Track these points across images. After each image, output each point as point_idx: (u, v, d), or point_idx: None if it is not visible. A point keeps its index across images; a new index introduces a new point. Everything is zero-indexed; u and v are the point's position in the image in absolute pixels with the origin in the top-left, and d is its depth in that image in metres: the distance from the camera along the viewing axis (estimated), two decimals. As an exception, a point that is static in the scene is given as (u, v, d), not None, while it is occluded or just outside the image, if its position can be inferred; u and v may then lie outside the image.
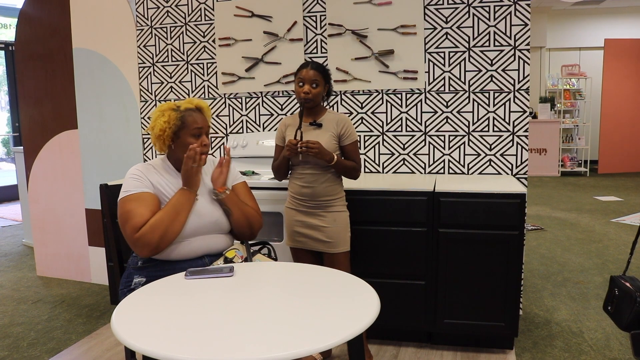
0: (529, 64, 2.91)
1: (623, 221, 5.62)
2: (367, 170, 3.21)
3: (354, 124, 3.17)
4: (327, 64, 3.17)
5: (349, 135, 2.36)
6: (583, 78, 9.83)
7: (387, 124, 3.14)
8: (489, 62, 2.95)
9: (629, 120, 9.43)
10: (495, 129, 2.99)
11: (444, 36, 3.00)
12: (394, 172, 3.17)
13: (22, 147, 4.26)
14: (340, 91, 3.19)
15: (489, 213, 2.49)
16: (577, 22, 10.51)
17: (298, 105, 3.27)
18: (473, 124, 3.02)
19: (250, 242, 2.14)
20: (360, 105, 3.17)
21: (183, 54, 3.45)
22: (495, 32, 2.93)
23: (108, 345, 2.84)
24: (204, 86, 3.44)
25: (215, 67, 3.40)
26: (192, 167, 1.89)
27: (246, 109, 3.37)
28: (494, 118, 2.98)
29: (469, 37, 2.96)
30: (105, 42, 3.63)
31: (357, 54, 3.12)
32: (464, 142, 3.04)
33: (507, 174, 3.01)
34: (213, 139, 3.47)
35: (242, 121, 3.39)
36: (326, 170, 2.35)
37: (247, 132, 3.39)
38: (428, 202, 2.56)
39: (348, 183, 2.77)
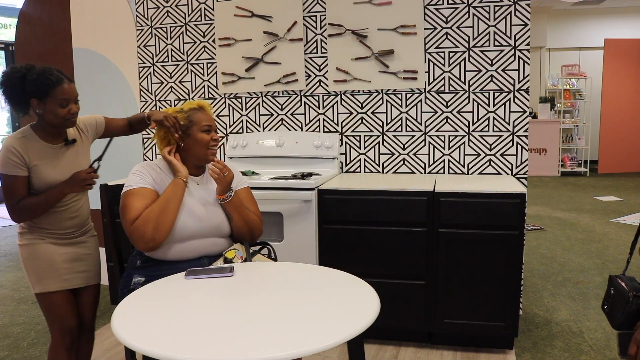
0: (529, 64, 2.91)
1: (623, 221, 5.62)
2: (367, 170, 3.21)
3: (354, 123, 3.18)
4: (327, 64, 3.17)
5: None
6: (583, 78, 9.83)
7: (387, 124, 3.14)
8: (489, 62, 2.95)
9: (629, 120, 9.43)
10: (495, 129, 2.99)
11: (444, 36, 3.00)
12: (394, 172, 3.17)
13: (22, 147, 4.25)
14: (340, 91, 3.19)
15: (489, 213, 2.49)
16: (577, 22, 10.51)
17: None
18: (473, 124, 3.02)
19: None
20: (360, 105, 3.17)
21: (183, 54, 3.45)
22: (495, 32, 2.93)
23: (108, 345, 2.84)
24: (204, 86, 3.44)
25: (215, 67, 3.40)
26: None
27: (246, 109, 3.37)
28: (494, 118, 2.98)
29: (469, 37, 2.96)
30: (105, 42, 3.63)
31: (357, 54, 3.12)
32: (464, 142, 3.04)
33: (507, 174, 3.01)
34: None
35: (242, 121, 3.39)
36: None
37: (247, 132, 3.39)
38: (428, 202, 2.56)
39: (350, 183, 2.78)
